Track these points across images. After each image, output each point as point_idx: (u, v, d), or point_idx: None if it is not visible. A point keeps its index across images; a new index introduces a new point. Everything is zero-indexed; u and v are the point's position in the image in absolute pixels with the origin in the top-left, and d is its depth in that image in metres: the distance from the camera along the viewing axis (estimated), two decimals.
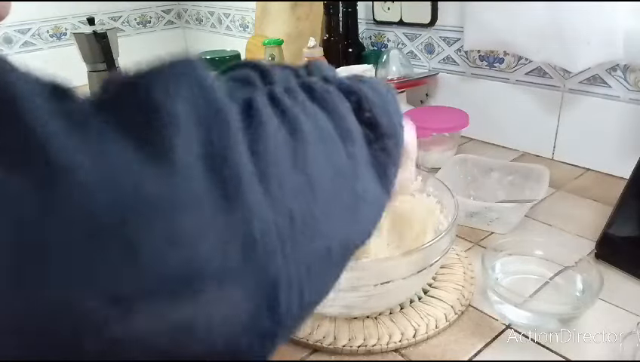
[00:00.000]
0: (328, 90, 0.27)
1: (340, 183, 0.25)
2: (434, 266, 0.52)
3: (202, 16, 1.71)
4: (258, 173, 0.20)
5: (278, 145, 0.22)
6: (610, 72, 0.79)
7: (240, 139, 0.20)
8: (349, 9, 1.07)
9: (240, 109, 0.21)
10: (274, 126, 0.22)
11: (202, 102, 0.19)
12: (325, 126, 0.25)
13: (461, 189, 0.75)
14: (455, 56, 0.99)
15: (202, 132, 0.18)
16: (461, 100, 0.98)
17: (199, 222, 0.17)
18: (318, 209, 0.22)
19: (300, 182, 0.22)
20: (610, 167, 0.83)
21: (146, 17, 1.71)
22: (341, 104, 0.27)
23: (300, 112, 0.24)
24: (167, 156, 0.17)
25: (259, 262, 0.19)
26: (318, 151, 0.23)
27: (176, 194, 0.17)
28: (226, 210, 0.18)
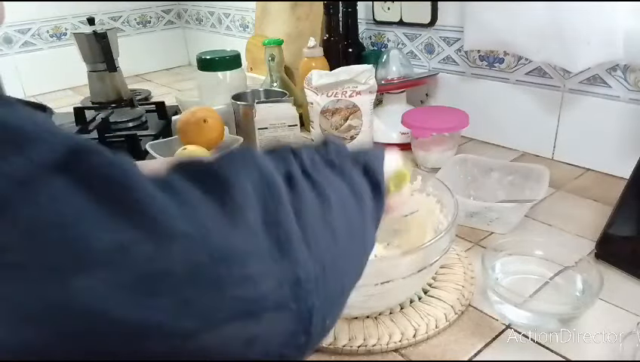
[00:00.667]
0: (343, 161, 0.35)
1: (354, 235, 0.33)
2: (434, 266, 0.52)
3: (202, 16, 1.71)
4: (301, 231, 0.27)
5: (314, 210, 0.29)
6: (610, 72, 0.79)
7: (288, 204, 0.27)
8: (349, 9, 1.07)
9: (284, 177, 0.28)
10: (309, 194, 0.29)
11: (261, 178, 0.26)
12: (344, 191, 0.33)
13: (461, 189, 0.75)
14: (455, 56, 0.99)
15: (260, 200, 0.25)
16: (461, 100, 0.98)
17: (263, 268, 0.24)
18: (339, 258, 0.30)
19: (328, 238, 0.29)
20: (610, 167, 0.83)
21: (146, 17, 1.71)
22: (354, 171, 0.35)
23: (325, 182, 0.31)
24: (241, 218, 0.24)
25: (302, 298, 0.26)
26: (339, 212, 0.31)
27: (247, 247, 0.24)
28: (281, 260, 0.25)
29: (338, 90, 0.87)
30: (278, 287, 0.25)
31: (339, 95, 0.87)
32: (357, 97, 0.87)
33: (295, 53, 1.15)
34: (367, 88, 0.87)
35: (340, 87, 0.86)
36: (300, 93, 1.01)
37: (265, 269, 0.24)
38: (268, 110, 0.84)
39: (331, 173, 0.33)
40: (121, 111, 1.16)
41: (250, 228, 0.24)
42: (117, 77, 1.30)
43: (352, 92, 0.86)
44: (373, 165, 0.37)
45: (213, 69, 1.05)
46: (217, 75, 1.05)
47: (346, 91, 0.86)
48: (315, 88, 0.87)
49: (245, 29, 1.55)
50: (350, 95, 0.87)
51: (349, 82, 0.86)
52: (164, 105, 1.17)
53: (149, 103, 1.22)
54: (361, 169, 0.36)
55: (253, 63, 1.34)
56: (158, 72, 1.75)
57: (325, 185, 0.31)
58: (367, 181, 0.36)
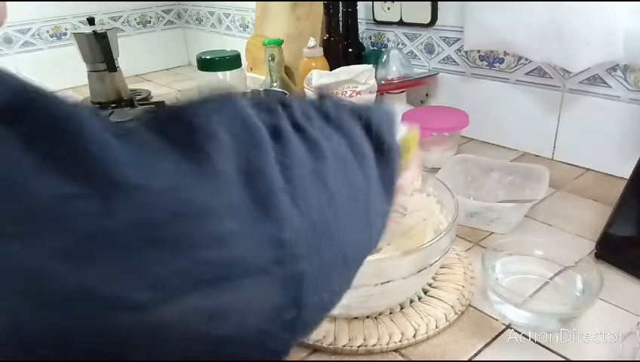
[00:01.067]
0: (342, 115, 0.30)
1: (356, 199, 0.28)
2: (434, 266, 0.52)
3: (202, 16, 1.71)
4: (287, 187, 0.23)
5: (304, 163, 0.25)
6: (610, 72, 0.79)
7: (272, 157, 0.23)
8: (349, 9, 1.07)
9: (269, 130, 0.24)
10: (298, 146, 0.25)
11: (239, 126, 0.22)
12: (341, 147, 0.28)
13: (461, 189, 0.75)
14: (455, 56, 0.99)
15: (240, 150, 0.21)
16: (461, 100, 0.98)
17: (237, 226, 0.20)
18: (337, 222, 0.25)
19: (321, 197, 0.25)
20: (610, 167, 0.83)
21: (146, 17, 1.71)
22: (354, 127, 0.30)
23: (319, 135, 0.27)
24: (209, 168, 0.20)
25: (287, 262, 0.22)
26: (336, 170, 0.26)
27: (217, 201, 0.20)
28: (261, 217, 0.21)
29: (338, 90, 0.87)
30: (257, 249, 0.21)
31: (339, 95, 0.87)
32: (357, 97, 0.87)
33: (295, 53, 1.15)
34: (367, 88, 0.87)
35: (340, 87, 0.86)
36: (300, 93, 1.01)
37: (239, 227, 0.20)
38: None
39: (327, 127, 0.28)
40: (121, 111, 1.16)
41: (221, 178, 0.20)
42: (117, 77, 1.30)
43: (352, 92, 0.86)
44: (378, 123, 0.32)
45: (213, 69, 1.05)
46: (217, 75, 1.05)
47: (346, 91, 0.86)
48: (315, 88, 0.87)
49: (245, 29, 1.54)
50: (350, 95, 0.87)
51: (349, 82, 0.86)
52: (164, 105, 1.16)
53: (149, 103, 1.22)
54: (362, 126, 0.31)
55: (253, 63, 1.34)
56: (158, 72, 1.75)
57: (320, 138, 0.26)
58: (370, 141, 0.31)
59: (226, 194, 0.20)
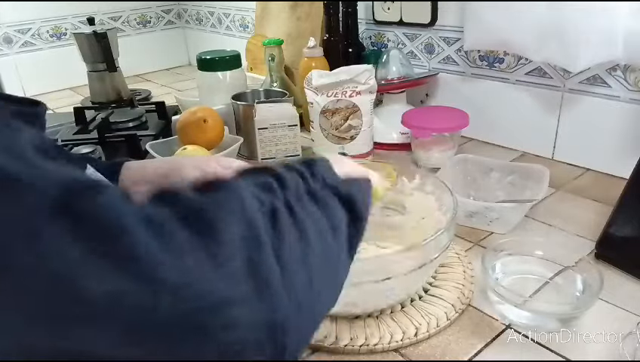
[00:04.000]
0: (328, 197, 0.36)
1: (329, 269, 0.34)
2: (434, 262, 0.52)
3: (202, 16, 1.71)
4: (280, 270, 0.28)
5: (293, 251, 0.30)
6: (610, 72, 0.79)
7: (270, 248, 0.28)
8: (349, 9, 1.07)
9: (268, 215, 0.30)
10: (291, 234, 0.30)
11: (245, 225, 0.27)
12: (323, 226, 0.34)
13: (461, 189, 0.75)
14: (455, 56, 0.99)
15: (246, 247, 0.27)
16: (461, 100, 0.98)
17: (243, 312, 0.25)
18: (315, 296, 0.31)
19: (305, 279, 0.30)
20: (610, 167, 0.83)
21: (146, 17, 1.71)
22: (335, 208, 0.36)
23: (307, 219, 0.32)
24: (227, 265, 0.25)
25: (277, 340, 0.27)
26: (317, 248, 0.32)
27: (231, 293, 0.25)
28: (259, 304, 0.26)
29: (338, 90, 0.87)
30: (257, 330, 0.26)
31: (339, 95, 0.87)
32: (357, 97, 0.87)
33: (295, 53, 1.15)
34: (367, 88, 0.87)
35: (340, 87, 0.86)
36: (300, 93, 1.01)
37: (245, 314, 0.25)
38: (268, 110, 0.84)
39: (312, 205, 0.34)
40: (121, 111, 1.16)
41: (234, 275, 0.25)
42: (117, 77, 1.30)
43: (352, 92, 0.86)
44: (356, 198, 0.38)
45: (213, 69, 1.05)
46: (217, 75, 1.05)
47: (346, 91, 0.86)
48: (315, 88, 0.87)
49: (245, 29, 1.55)
50: (350, 95, 0.87)
51: (349, 82, 0.86)
52: (164, 105, 1.16)
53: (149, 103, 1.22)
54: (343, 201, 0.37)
55: (253, 63, 1.34)
56: (158, 72, 1.75)
57: (307, 221, 0.32)
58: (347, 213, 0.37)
59: (237, 288, 0.25)
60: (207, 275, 0.24)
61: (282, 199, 0.32)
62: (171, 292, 0.23)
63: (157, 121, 1.13)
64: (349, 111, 0.88)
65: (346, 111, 0.88)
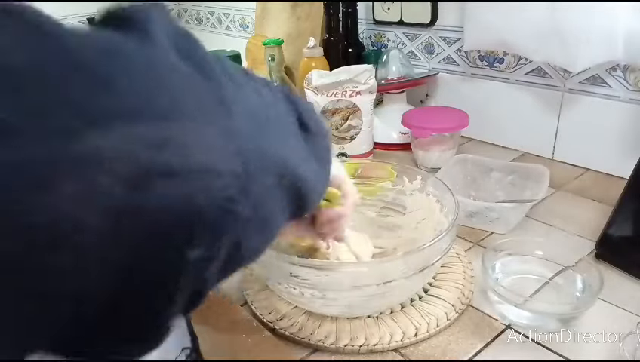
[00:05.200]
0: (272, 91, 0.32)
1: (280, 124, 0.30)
2: (435, 265, 0.52)
3: (202, 16, 1.71)
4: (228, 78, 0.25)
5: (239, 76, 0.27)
6: (610, 72, 0.79)
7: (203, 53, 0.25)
8: (349, 9, 1.07)
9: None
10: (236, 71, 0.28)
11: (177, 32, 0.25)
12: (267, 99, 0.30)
13: (461, 189, 0.75)
14: (455, 56, 0.99)
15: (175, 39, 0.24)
16: (461, 100, 0.98)
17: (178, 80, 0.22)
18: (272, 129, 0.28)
19: (253, 96, 0.27)
20: (610, 167, 0.83)
21: None
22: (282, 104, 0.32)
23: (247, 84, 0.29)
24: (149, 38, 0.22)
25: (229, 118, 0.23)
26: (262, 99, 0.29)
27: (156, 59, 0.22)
28: (202, 80, 0.23)
29: (338, 90, 0.87)
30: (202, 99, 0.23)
31: (339, 95, 0.87)
32: (357, 97, 0.87)
33: (295, 53, 1.15)
34: (367, 88, 0.87)
35: (340, 87, 0.86)
36: (300, 93, 1.01)
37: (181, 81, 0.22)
38: None
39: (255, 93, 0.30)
40: None
41: (159, 46, 0.23)
42: None
43: (352, 92, 0.87)
44: (302, 108, 0.33)
45: None
46: None
47: (346, 91, 0.86)
48: (315, 88, 0.87)
49: (245, 29, 1.54)
50: (350, 95, 0.87)
51: (349, 82, 0.86)
52: None
53: None
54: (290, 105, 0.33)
55: (253, 63, 1.34)
56: None
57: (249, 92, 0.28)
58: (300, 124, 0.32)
59: (165, 56, 0.22)
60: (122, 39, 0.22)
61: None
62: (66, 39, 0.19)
63: None
64: (349, 111, 0.88)
65: (346, 111, 0.88)
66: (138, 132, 0.19)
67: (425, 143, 0.87)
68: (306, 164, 0.30)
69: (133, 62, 0.21)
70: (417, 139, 0.88)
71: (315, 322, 0.53)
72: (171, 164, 0.19)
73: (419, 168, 0.87)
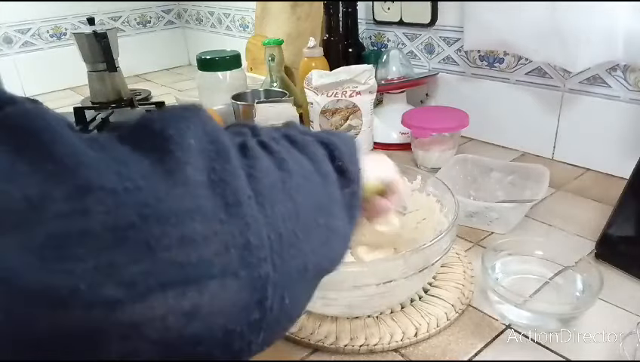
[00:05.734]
0: (307, 139, 0.31)
1: (319, 215, 0.29)
2: (435, 265, 0.52)
3: (202, 16, 1.71)
4: (255, 194, 0.24)
5: (270, 174, 0.26)
6: (610, 72, 0.79)
7: (239, 167, 0.24)
8: (349, 9, 1.07)
9: (236, 148, 0.26)
10: (266, 160, 0.26)
11: (206, 137, 0.23)
12: (307, 166, 0.29)
13: (461, 189, 0.75)
14: (455, 56, 0.99)
15: (206, 160, 0.23)
16: (461, 100, 0.98)
17: (205, 228, 0.21)
18: (301, 233, 0.26)
19: (287, 207, 0.26)
20: (610, 167, 0.83)
21: (146, 17, 1.71)
22: (318, 151, 0.31)
23: (285, 154, 0.28)
24: (179, 173, 0.21)
25: (253, 265, 0.23)
26: (302, 184, 0.27)
27: (187, 204, 0.21)
28: (228, 221, 0.22)
29: (338, 90, 0.87)
30: (224, 251, 0.22)
31: (339, 95, 0.87)
32: (357, 97, 0.87)
33: (295, 53, 1.15)
34: (367, 88, 0.87)
35: (340, 87, 0.86)
36: (300, 93, 1.01)
37: (208, 230, 0.21)
38: (268, 110, 0.84)
39: (292, 148, 0.30)
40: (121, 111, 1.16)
41: (190, 183, 0.21)
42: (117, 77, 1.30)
43: (352, 92, 0.87)
44: (341, 150, 0.33)
45: (213, 69, 1.05)
46: (217, 75, 1.05)
47: (346, 91, 0.87)
48: (315, 88, 0.87)
49: (245, 29, 1.54)
50: (350, 95, 0.87)
51: (349, 82, 0.86)
52: (164, 105, 1.16)
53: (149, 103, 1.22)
54: (327, 152, 0.32)
55: (253, 63, 1.34)
56: (158, 72, 1.75)
57: (285, 155, 0.28)
58: (334, 166, 0.32)
59: (195, 199, 0.22)
60: (153, 182, 0.20)
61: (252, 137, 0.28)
62: (102, 198, 0.19)
63: None
64: (349, 111, 0.88)
65: (346, 111, 0.88)
66: (169, 303, 0.20)
67: (425, 143, 0.87)
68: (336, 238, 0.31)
69: (164, 218, 0.20)
70: (417, 139, 0.88)
71: (315, 322, 0.53)
72: (198, 333, 0.21)
73: (419, 168, 0.87)
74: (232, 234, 0.22)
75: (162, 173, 0.21)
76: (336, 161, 0.32)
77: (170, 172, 0.21)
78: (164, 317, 0.20)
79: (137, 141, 0.22)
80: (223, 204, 0.22)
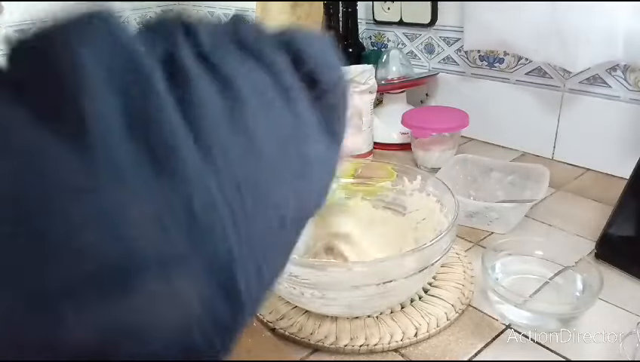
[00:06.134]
0: (264, 44, 0.22)
1: (287, 146, 0.21)
2: (435, 265, 0.52)
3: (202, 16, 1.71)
4: (193, 138, 0.17)
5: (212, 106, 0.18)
6: (610, 72, 0.79)
7: (167, 100, 0.16)
8: (349, 9, 1.07)
9: (161, 66, 0.17)
10: (204, 83, 0.18)
11: (118, 61, 0.16)
12: (263, 83, 0.21)
13: (461, 189, 0.75)
14: (455, 56, 0.99)
15: (120, 97, 0.15)
16: (461, 100, 0.98)
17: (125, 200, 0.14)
18: (267, 175, 0.19)
19: (242, 146, 0.18)
20: (610, 167, 0.83)
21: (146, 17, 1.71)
22: (277, 58, 0.22)
23: (232, 68, 0.20)
24: (81, 130, 0.14)
25: (206, 241, 0.16)
26: (258, 111, 0.20)
27: (93, 170, 0.14)
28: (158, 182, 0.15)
29: None
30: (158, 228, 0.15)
31: None
32: (357, 97, 0.87)
33: None
34: (367, 88, 0.87)
35: None
36: None
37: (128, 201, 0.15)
38: None
39: (243, 57, 0.21)
40: None
41: (95, 139, 0.14)
42: None
43: (352, 92, 0.86)
44: (307, 51, 0.23)
45: None
46: None
47: None
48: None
49: None
50: None
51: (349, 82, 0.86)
52: None
53: None
54: (291, 58, 0.23)
55: None
56: None
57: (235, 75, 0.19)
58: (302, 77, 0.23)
59: (104, 157, 0.15)
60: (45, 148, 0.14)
61: (188, 45, 0.19)
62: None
63: None
64: None
65: None
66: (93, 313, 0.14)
67: (425, 143, 0.87)
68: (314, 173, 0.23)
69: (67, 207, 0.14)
70: (417, 139, 0.88)
71: (315, 322, 0.53)
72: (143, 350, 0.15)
73: (419, 168, 0.87)
74: (165, 201, 0.15)
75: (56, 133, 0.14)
76: (304, 67, 0.24)
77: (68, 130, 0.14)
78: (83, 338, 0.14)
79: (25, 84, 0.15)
80: (148, 159, 0.15)
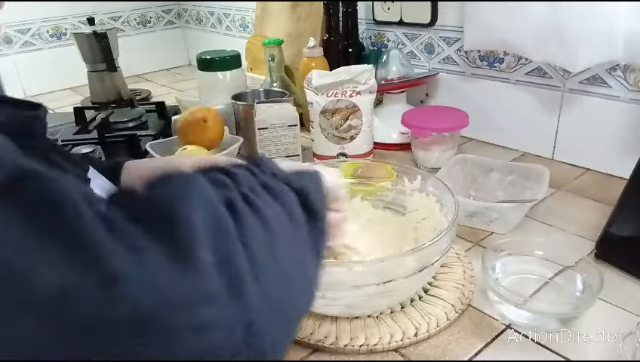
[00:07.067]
0: (282, 187, 0.34)
1: (296, 267, 0.31)
2: (435, 265, 0.52)
3: (202, 16, 1.71)
4: (250, 266, 0.25)
5: (258, 236, 0.27)
6: (610, 72, 0.79)
7: (236, 239, 0.25)
8: (349, 9, 1.07)
9: (224, 205, 0.27)
10: (251, 219, 0.28)
11: (208, 213, 0.25)
12: (283, 217, 0.31)
13: (461, 189, 0.75)
14: (455, 56, 0.99)
15: (211, 236, 0.24)
16: (461, 100, 0.98)
17: (215, 313, 0.22)
18: (286, 292, 0.29)
19: (275, 270, 0.28)
20: (610, 167, 0.83)
21: (146, 17, 1.71)
22: (290, 198, 0.34)
23: (266, 207, 0.30)
24: (190, 259, 0.22)
25: (253, 344, 0.24)
26: (281, 239, 0.30)
27: (199, 291, 0.22)
28: (233, 302, 0.23)
29: (338, 90, 0.87)
30: (231, 333, 0.23)
31: (339, 95, 0.87)
32: (357, 97, 0.87)
33: (295, 53, 1.15)
34: (367, 88, 0.87)
35: (340, 87, 0.86)
36: (300, 93, 1.01)
37: (217, 314, 0.23)
38: (268, 110, 0.84)
39: (269, 197, 0.32)
40: (121, 111, 1.16)
41: (200, 269, 0.23)
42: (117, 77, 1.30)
43: (352, 92, 0.86)
44: (311, 194, 0.36)
45: (213, 69, 1.05)
46: (217, 75, 1.05)
47: (346, 91, 0.86)
48: (315, 88, 0.87)
49: (245, 29, 1.54)
50: (350, 95, 0.87)
51: (349, 82, 0.86)
52: (164, 105, 1.16)
53: (149, 103, 1.22)
54: (298, 197, 0.35)
55: (253, 63, 1.34)
56: (158, 72, 1.75)
57: (266, 212, 0.30)
58: (304, 211, 0.34)
59: (206, 284, 0.23)
60: (169, 271, 0.22)
61: (235, 190, 0.30)
62: (126, 287, 0.20)
63: (157, 121, 1.13)
64: (349, 111, 0.88)
65: (346, 111, 0.88)
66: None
67: (425, 143, 0.87)
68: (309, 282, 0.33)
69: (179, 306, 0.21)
70: (417, 139, 0.88)
71: (315, 322, 0.53)
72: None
73: (419, 168, 0.87)
74: (236, 315, 0.23)
75: (173, 259, 0.22)
76: (307, 204, 0.35)
77: (180, 257, 0.22)
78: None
79: (146, 222, 0.23)
80: (228, 285, 0.23)
